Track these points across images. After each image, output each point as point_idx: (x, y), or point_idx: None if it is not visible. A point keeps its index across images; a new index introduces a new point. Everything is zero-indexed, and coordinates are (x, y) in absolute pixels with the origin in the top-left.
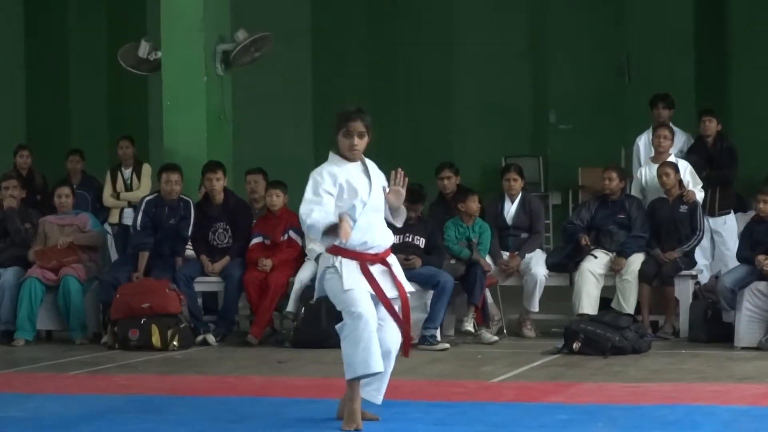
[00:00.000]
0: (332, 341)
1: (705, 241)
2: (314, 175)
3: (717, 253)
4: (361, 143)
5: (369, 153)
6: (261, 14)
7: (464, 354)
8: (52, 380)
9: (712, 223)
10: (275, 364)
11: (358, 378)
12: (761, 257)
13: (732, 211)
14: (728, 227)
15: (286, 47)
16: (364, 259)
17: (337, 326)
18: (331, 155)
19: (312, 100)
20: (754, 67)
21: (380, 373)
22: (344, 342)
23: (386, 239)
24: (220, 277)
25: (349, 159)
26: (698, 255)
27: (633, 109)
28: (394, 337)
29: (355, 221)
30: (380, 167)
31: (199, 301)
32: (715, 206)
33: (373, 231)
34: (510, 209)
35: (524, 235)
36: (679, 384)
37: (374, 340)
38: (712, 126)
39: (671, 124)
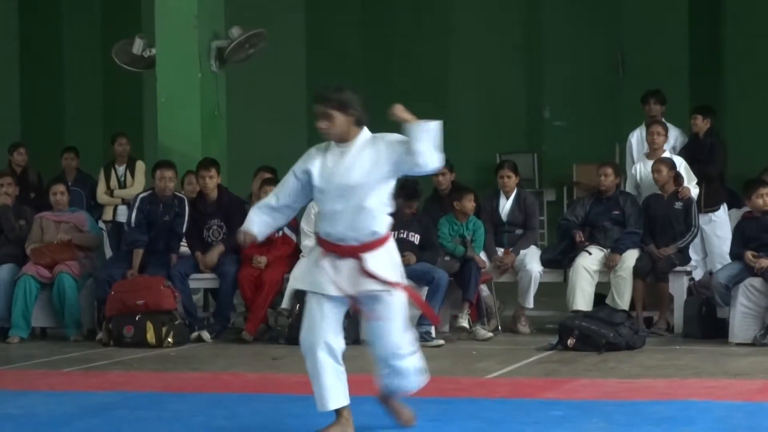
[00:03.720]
0: None
1: (696, 238)
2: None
3: (706, 249)
4: (328, 125)
5: None
6: (255, 11)
7: (459, 350)
8: (46, 377)
9: (700, 219)
10: (270, 361)
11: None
12: (750, 254)
13: (722, 208)
14: (715, 224)
15: (280, 44)
16: (330, 250)
17: None
18: None
19: (306, 96)
20: (749, 63)
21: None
22: None
23: (357, 232)
24: (215, 274)
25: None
26: (689, 251)
27: (627, 105)
28: (381, 337)
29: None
30: None
31: (196, 297)
32: (700, 203)
33: (336, 221)
34: (505, 205)
35: (519, 232)
36: (674, 380)
37: (322, 371)
38: (698, 123)
39: (664, 120)
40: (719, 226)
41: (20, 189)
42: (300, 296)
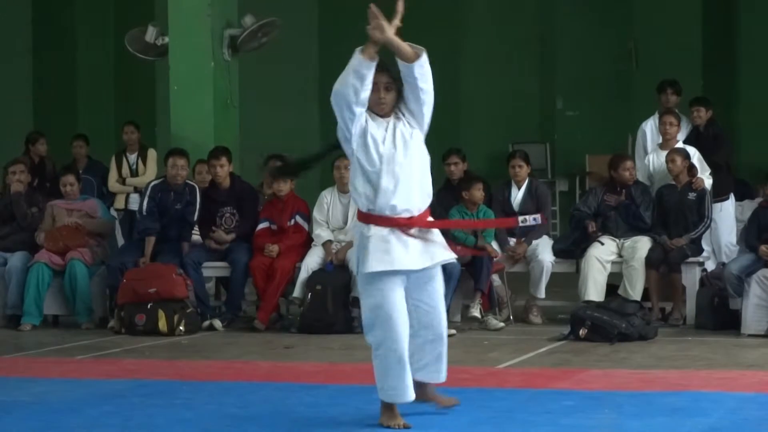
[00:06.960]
0: (338, 327)
1: (708, 229)
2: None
3: (713, 240)
4: (387, 97)
5: None
6: None
7: (471, 340)
8: (58, 365)
9: None
10: (281, 350)
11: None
12: (764, 248)
13: (730, 197)
14: (722, 215)
15: (293, 33)
16: (398, 225)
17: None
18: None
19: (319, 85)
20: (762, 53)
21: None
22: (375, 358)
23: (418, 201)
24: (227, 262)
25: (379, 115)
26: (702, 242)
27: (640, 95)
28: (437, 320)
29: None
30: None
31: (207, 286)
32: None
33: (399, 192)
34: (517, 195)
35: None
36: (686, 371)
37: (404, 361)
38: (700, 115)
39: (677, 111)
40: (726, 216)
41: (37, 179)
42: (312, 285)
